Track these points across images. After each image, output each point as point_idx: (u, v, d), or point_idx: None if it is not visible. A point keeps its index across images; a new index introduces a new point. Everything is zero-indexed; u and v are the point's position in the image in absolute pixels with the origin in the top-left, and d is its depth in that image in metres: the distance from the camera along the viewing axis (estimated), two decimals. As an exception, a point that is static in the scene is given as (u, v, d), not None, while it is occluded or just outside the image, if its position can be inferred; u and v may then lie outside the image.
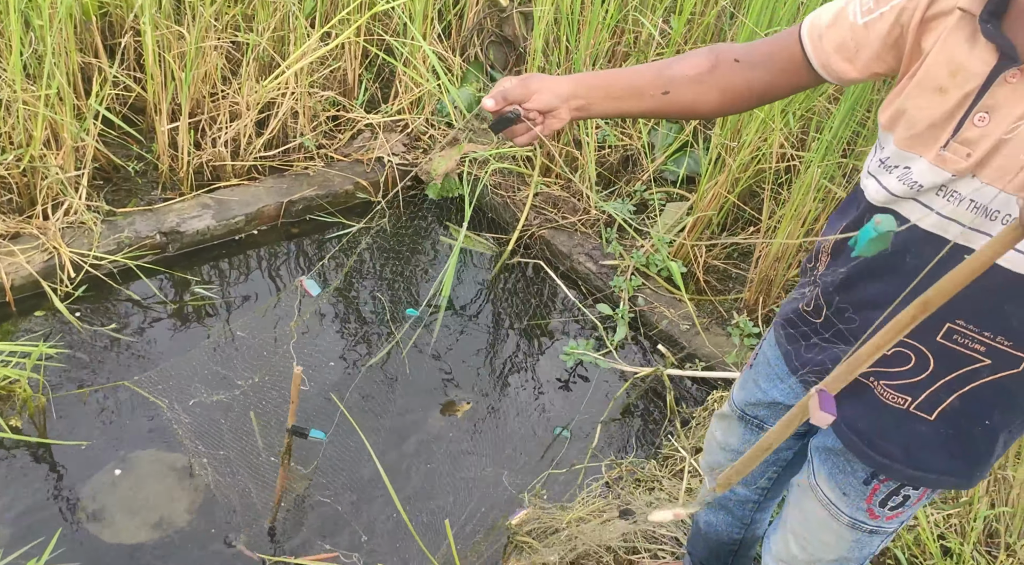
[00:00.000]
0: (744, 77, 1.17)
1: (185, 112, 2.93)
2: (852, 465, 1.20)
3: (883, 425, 1.11)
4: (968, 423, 1.08)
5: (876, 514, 1.22)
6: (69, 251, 2.59)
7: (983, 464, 1.13)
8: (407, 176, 3.30)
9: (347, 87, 3.46)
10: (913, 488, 1.18)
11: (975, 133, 0.97)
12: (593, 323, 2.82)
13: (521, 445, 2.37)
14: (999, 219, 0.97)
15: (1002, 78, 0.95)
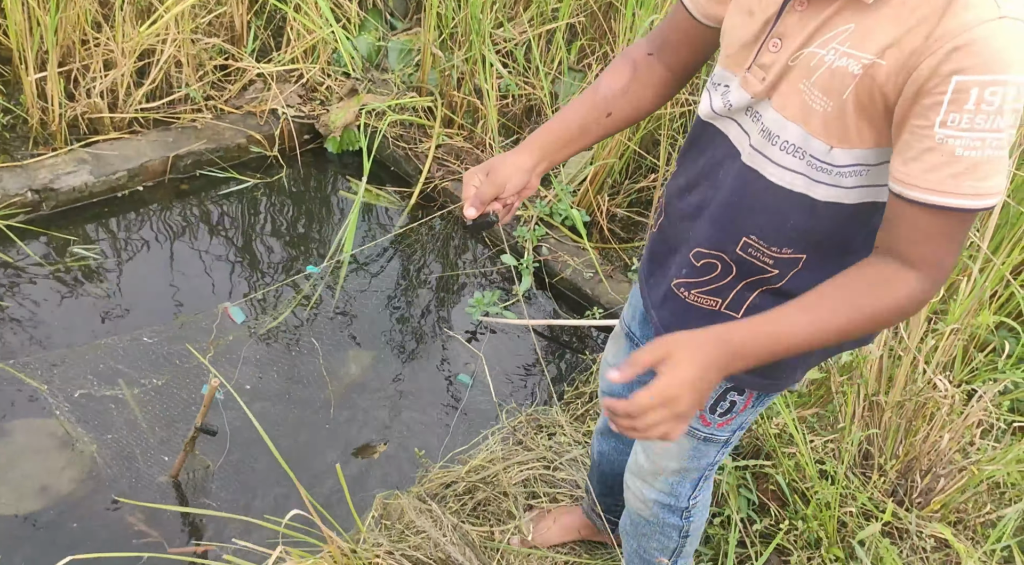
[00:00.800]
0: (663, 64, 1.23)
1: (53, 60, 2.72)
2: None
3: (697, 326, 1.13)
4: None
5: (708, 420, 1.28)
6: (-73, 211, 2.38)
7: (790, 363, 1.17)
8: (303, 129, 3.17)
9: (235, 34, 3.28)
10: (737, 392, 1.24)
11: (769, 58, 1.02)
12: (498, 274, 2.79)
13: (425, 397, 2.34)
14: (777, 144, 1.03)
15: (791, 6, 0.99)
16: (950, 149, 0.89)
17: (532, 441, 2.02)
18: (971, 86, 0.87)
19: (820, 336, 0.98)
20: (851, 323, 0.97)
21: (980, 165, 0.90)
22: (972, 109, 0.87)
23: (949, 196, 0.91)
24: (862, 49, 0.93)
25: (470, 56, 3.09)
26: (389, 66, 3.43)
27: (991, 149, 0.89)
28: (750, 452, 1.87)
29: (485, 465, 1.89)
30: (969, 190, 0.91)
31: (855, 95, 0.94)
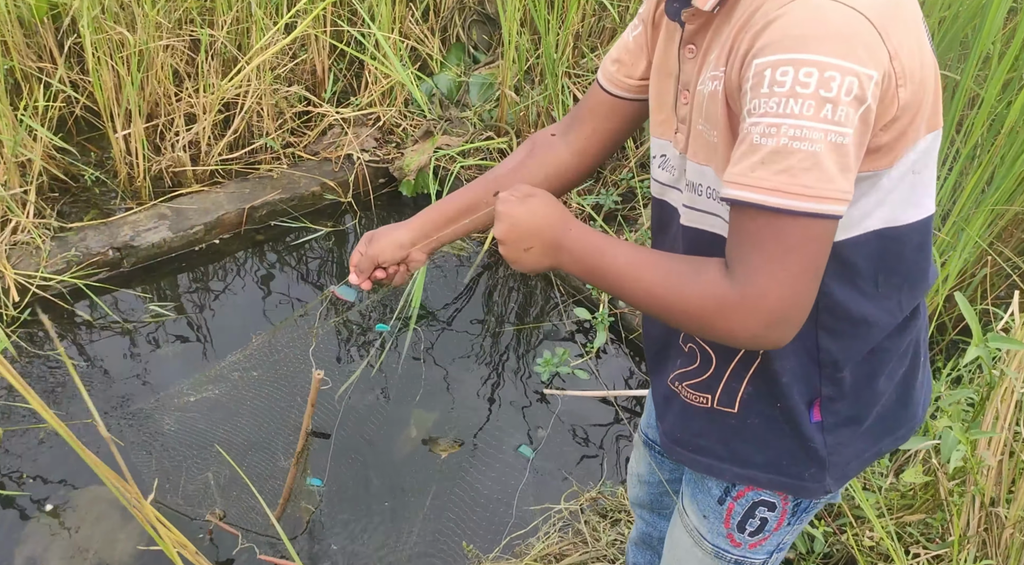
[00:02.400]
0: (567, 146, 1.18)
1: (136, 117, 2.78)
2: (707, 482, 1.15)
3: (700, 426, 1.10)
4: (767, 407, 1.03)
5: (737, 541, 1.15)
6: (14, 273, 2.46)
7: (808, 458, 1.04)
8: (378, 173, 3.13)
9: (316, 80, 3.28)
10: (768, 509, 1.10)
11: (684, 111, 0.98)
12: (571, 328, 2.63)
13: (485, 465, 2.21)
14: (702, 193, 0.97)
15: (683, 54, 0.97)
16: (751, 138, 0.81)
17: (593, 533, 1.85)
18: (765, 68, 0.79)
19: (630, 281, 0.92)
20: (658, 287, 0.90)
21: (779, 156, 0.79)
22: (767, 92, 0.79)
23: (742, 189, 0.82)
24: (719, 66, 0.89)
25: (545, 95, 2.95)
26: (470, 101, 3.34)
27: (789, 138, 0.78)
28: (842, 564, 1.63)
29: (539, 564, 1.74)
30: (764, 182, 0.80)
31: (724, 113, 0.89)
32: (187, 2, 3.01)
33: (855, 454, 1.06)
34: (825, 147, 0.78)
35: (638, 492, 1.45)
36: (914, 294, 1.00)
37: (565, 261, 0.96)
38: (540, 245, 0.96)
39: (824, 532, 1.60)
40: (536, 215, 0.96)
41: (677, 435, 1.12)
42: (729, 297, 0.84)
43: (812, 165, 0.78)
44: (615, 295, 0.95)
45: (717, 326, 0.85)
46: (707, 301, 0.85)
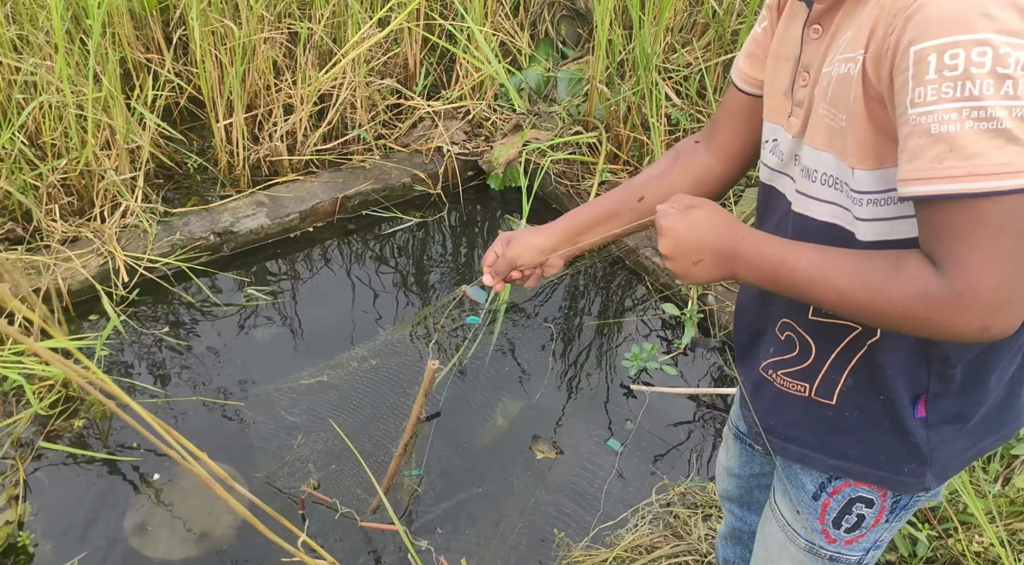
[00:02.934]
0: (710, 152, 1.18)
1: (238, 108, 2.88)
2: (801, 478, 1.13)
3: (793, 416, 1.08)
4: (868, 400, 1.01)
5: (832, 537, 1.13)
6: (124, 255, 2.58)
7: (908, 453, 1.01)
8: (467, 166, 3.16)
9: (408, 73, 3.34)
10: (866, 505, 1.08)
11: (802, 94, 0.97)
12: (659, 324, 2.62)
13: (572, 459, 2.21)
14: (817, 179, 0.95)
15: (807, 35, 0.95)
16: (925, 128, 0.77)
17: (684, 526, 1.83)
18: (928, 53, 0.76)
19: (820, 285, 0.87)
20: (854, 289, 0.85)
21: (964, 140, 0.75)
22: (935, 78, 0.76)
23: (934, 183, 0.77)
24: (854, 49, 0.86)
25: (638, 90, 2.94)
26: (558, 96, 3.35)
27: (974, 121, 0.75)
28: (944, 568, 1.58)
29: (631, 556, 1.74)
30: (957, 170, 0.76)
31: (860, 98, 0.85)
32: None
33: (958, 452, 1.03)
34: (1013, 123, 0.74)
35: (728, 486, 1.44)
36: None
37: (740, 271, 0.93)
38: (711, 257, 0.94)
39: (928, 535, 1.56)
40: (701, 226, 0.95)
41: (770, 423, 1.11)
42: (941, 295, 0.79)
43: (1005, 142, 0.75)
44: (802, 300, 0.91)
45: (936, 324, 0.80)
46: (917, 302, 0.81)
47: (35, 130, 2.69)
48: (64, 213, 2.68)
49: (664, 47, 3.15)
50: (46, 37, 2.68)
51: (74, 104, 2.56)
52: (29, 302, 2.31)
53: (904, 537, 1.57)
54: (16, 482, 2.08)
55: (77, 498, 2.07)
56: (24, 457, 2.14)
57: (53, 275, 2.48)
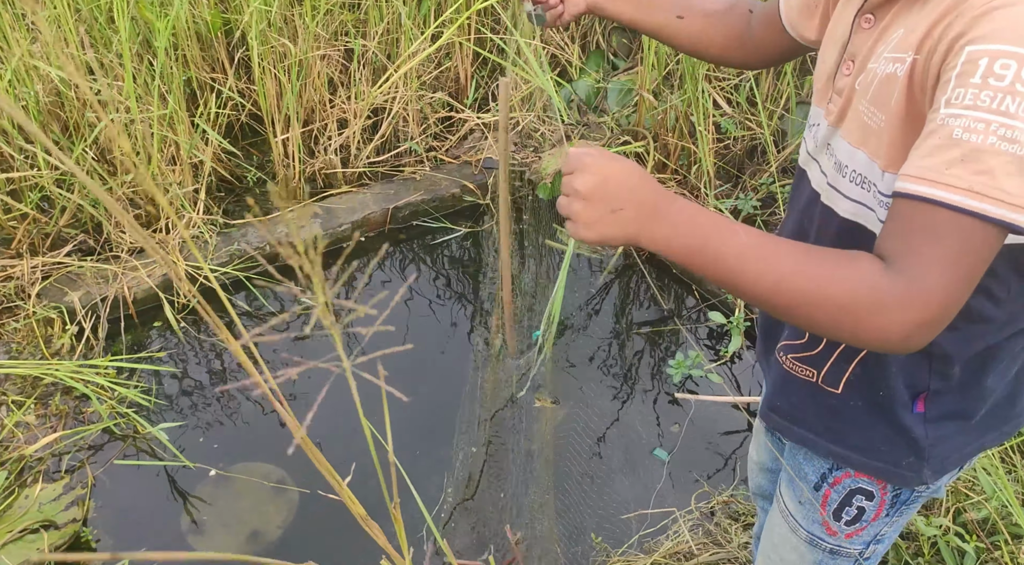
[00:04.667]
0: (748, 27, 1.19)
1: (294, 123, 2.98)
2: (805, 467, 1.14)
3: (799, 399, 1.09)
4: (871, 392, 1.01)
5: (833, 529, 1.13)
6: (185, 265, 2.70)
7: (907, 447, 1.01)
8: (516, 177, 3.20)
9: (459, 86, 3.41)
10: (866, 497, 1.08)
11: (844, 82, 0.95)
12: (705, 331, 2.60)
13: (615, 466, 2.22)
14: (847, 175, 0.94)
15: (858, 24, 0.93)
16: (948, 131, 0.74)
17: (724, 534, 1.82)
18: (981, 56, 0.72)
19: (755, 265, 0.79)
20: (796, 275, 0.78)
21: (982, 154, 0.72)
22: (979, 83, 0.72)
23: (933, 186, 0.74)
24: (904, 50, 0.83)
25: (685, 98, 2.94)
26: (608, 107, 3.37)
27: (998, 138, 0.71)
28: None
29: (668, 562, 1.73)
30: (959, 181, 0.73)
31: (902, 100, 0.83)
32: (343, 15, 3.21)
33: (956, 448, 1.03)
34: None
35: (760, 481, 1.44)
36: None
37: (662, 234, 0.81)
38: (635, 208, 0.81)
39: (976, 548, 1.52)
40: (633, 175, 0.83)
41: (776, 403, 1.12)
42: (891, 289, 0.75)
43: (1017, 171, 0.72)
44: (724, 283, 0.81)
45: (867, 322, 0.76)
46: (861, 292, 0.75)
47: (105, 147, 2.84)
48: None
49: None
50: (118, 58, 2.83)
51: (141, 121, 2.69)
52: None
53: (952, 549, 1.53)
54: (85, 483, 2.19)
55: (137, 496, 2.17)
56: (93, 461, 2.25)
57: (120, 284, 2.61)
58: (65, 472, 2.21)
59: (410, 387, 2.40)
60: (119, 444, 2.30)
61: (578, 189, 0.82)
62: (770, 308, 0.81)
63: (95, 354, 2.52)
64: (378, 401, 0.88)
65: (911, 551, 1.57)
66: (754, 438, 1.43)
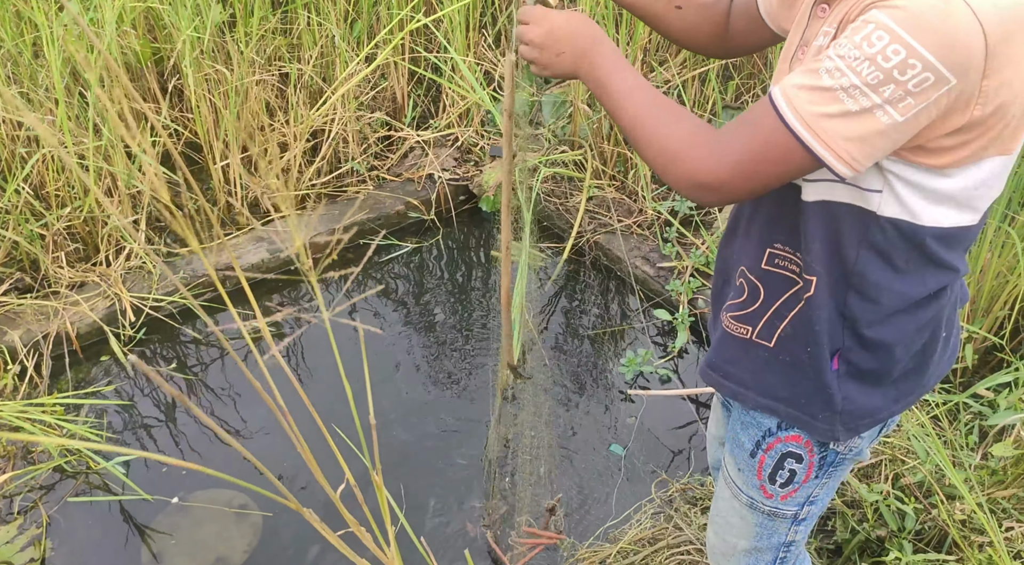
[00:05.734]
0: (728, 19, 1.27)
1: (234, 149, 2.98)
2: (741, 435, 1.22)
3: (734, 354, 1.18)
4: (799, 349, 1.10)
5: (769, 493, 1.23)
6: (129, 296, 2.67)
7: (823, 401, 1.11)
8: (459, 191, 3.26)
9: (397, 106, 3.45)
10: (796, 460, 1.17)
11: (798, 66, 1.01)
12: (652, 329, 2.68)
13: (576, 463, 2.27)
14: None
15: (815, 11, 1.01)
16: (818, 65, 0.88)
17: (684, 518, 1.89)
18: (871, 21, 0.84)
19: (628, 104, 1.02)
20: (648, 117, 1.00)
21: (824, 95, 0.87)
22: (856, 42, 0.84)
23: (782, 97, 0.90)
24: (832, 24, 0.95)
25: (617, 106, 3.03)
26: (543, 120, 3.46)
27: (842, 89, 0.85)
28: (934, 541, 1.63)
29: (634, 548, 1.79)
30: (798, 103, 0.89)
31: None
32: (276, 39, 3.23)
33: (868, 411, 1.12)
34: (863, 115, 0.85)
35: (717, 455, 1.51)
36: (939, 278, 1.04)
37: (585, 71, 1.06)
38: (572, 52, 1.06)
39: (915, 508, 1.61)
40: (573, 24, 1.06)
41: (713, 360, 1.21)
42: (701, 147, 0.95)
43: (843, 116, 0.86)
44: (613, 118, 1.03)
45: (674, 165, 0.96)
46: (684, 139, 0.96)
47: (39, 182, 2.80)
48: (70, 259, 2.77)
49: (642, 66, 3.26)
50: (46, 93, 2.79)
51: (75, 154, 2.66)
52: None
53: (893, 512, 1.63)
54: (39, 523, 2.14)
55: (95, 532, 2.14)
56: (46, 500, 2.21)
57: (62, 319, 2.56)
58: (18, 513, 2.16)
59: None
60: (72, 482, 2.26)
61: (530, 39, 1.09)
62: (631, 139, 1.03)
63: (40, 393, 2.47)
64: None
65: (856, 517, 1.66)
66: (712, 413, 1.50)
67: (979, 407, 1.78)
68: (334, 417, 2.03)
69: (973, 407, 1.81)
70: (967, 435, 1.75)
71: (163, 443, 2.37)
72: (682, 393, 2.42)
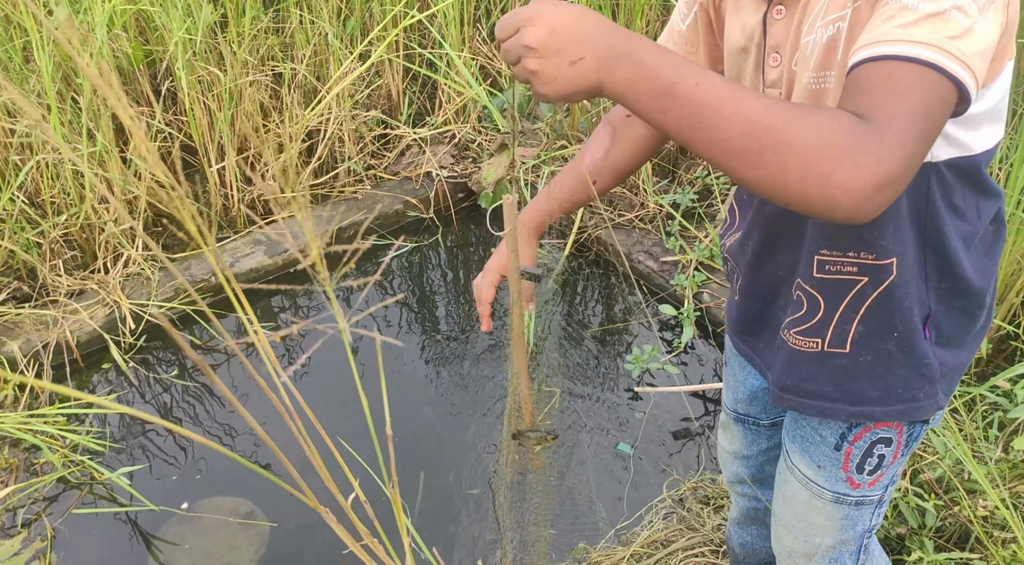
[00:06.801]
0: (641, 123, 1.20)
1: (229, 151, 2.95)
2: (819, 433, 1.16)
3: (808, 372, 1.11)
4: (881, 342, 1.05)
5: (856, 482, 1.17)
6: (128, 303, 2.64)
7: (921, 377, 1.06)
8: (457, 188, 3.22)
9: (392, 103, 3.41)
10: (885, 444, 1.12)
11: (776, 74, 0.98)
12: (658, 326, 2.66)
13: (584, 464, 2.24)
14: None
15: (771, 17, 0.96)
16: (902, 4, 0.76)
17: (697, 519, 1.86)
18: None
19: (729, 105, 0.72)
20: (767, 116, 0.72)
21: (938, 19, 0.74)
22: None
23: (894, 44, 0.75)
24: (840, 8, 0.88)
25: (617, 99, 3.00)
26: (540, 114, 3.42)
27: (950, 5, 0.75)
28: (955, 537, 1.61)
29: (648, 551, 1.77)
30: (921, 37, 0.74)
31: (850, 46, 0.86)
32: (269, 39, 3.18)
33: (959, 366, 1.09)
34: (977, 25, 0.75)
35: (737, 469, 1.47)
36: (989, 205, 1.02)
37: (624, 77, 0.74)
38: (594, 55, 0.74)
39: (935, 505, 1.59)
40: (585, 18, 0.75)
41: (786, 383, 1.13)
42: (866, 134, 0.71)
43: (965, 33, 0.75)
44: (689, 127, 0.74)
45: (843, 164, 0.70)
46: (838, 134, 0.70)
47: (34, 189, 2.76)
48: (68, 267, 2.74)
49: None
50: (38, 98, 2.75)
51: (70, 161, 2.62)
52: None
53: (913, 509, 1.60)
54: (44, 536, 2.11)
55: (101, 544, 2.11)
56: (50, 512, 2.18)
57: (61, 328, 2.53)
58: (22, 526, 2.13)
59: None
60: (76, 493, 2.23)
61: (529, 45, 0.74)
62: (734, 155, 0.73)
63: (41, 403, 2.44)
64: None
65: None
66: (723, 430, 1.46)
67: (995, 397, 1.76)
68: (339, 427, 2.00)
69: (989, 398, 1.78)
70: (986, 428, 1.73)
71: (168, 451, 2.34)
72: (690, 389, 2.40)
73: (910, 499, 1.59)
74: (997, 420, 1.74)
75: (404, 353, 2.65)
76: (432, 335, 2.72)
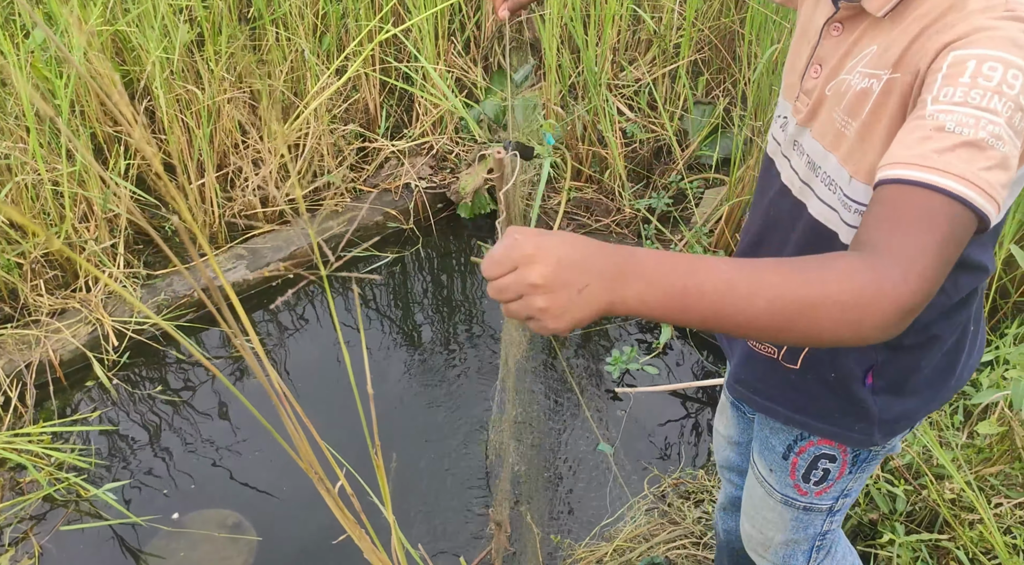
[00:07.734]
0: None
1: (209, 168, 2.97)
2: (772, 439, 1.23)
3: (762, 373, 1.17)
4: (824, 369, 1.10)
5: (803, 490, 1.24)
6: (111, 321, 2.65)
7: (857, 415, 1.11)
8: (436, 199, 3.26)
9: (370, 117, 3.45)
10: (829, 460, 1.18)
11: (811, 84, 1.00)
12: (637, 327, 2.70)
13: (567, 464, 2.28)
14: (819, 176, 1.00)
15: (827, 31, 0.98)
16: (939, 124, 0.76)
17: (678, 513, 1.90)
18: (968, 59, 0.77)
19: (744, 289, 0.70)
20: (785, 287, 0.70)
21: (975, 149, 0.74)
22: (967, 82, 0.76)
23: (927, 171, 0.74)
24: (880, 66, 0.89)
25: (590, 108, 3.06)
26: (517, 124, 3.47)
27: (988, 134, 0.74)
28: (925, 521, 1.66)
29: (630, 545, 1.80)
30: (954, 168, 0.74)
31: (875, 114, 0.89)
32: (246, 56, 3.22)
33: (904, 414, 1.13)
34: (1008, 153, 0.76)
35: (728, 454, 1.51)
36: (971, 280, 1.02)
37: (635, 293, 0.71)
38: (599, 279, 0.70)
39: (905, 490, 1.64)
40: (581, 246, 0.71)
41: (741, 376, 1.21)
42: (888, 274, 0.71)
43: (997, 166, 0.75)
44: (712, 319, 0.72)
45: (872, 310, 0.70)
46: (856, 280, 0.70)
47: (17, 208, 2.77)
48: (50, 287, 2.75)
49: (612, 66, 3.28)
50: (16, 121, 2.77)
51: (49, 180, 2.64)
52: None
53: (884, 495, 1.65)
54: (31, 554, 2.12)
55: (89, 560, 2.12)
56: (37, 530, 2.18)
57: (44, 347, 2.54)
58: (9, 545, 2.14)
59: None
60: (63, 510, 2.24)
61: (535, 283, 0.69)
62: (767, 329, 0.72)
63: (25, 422, 2.45)
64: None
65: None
66: (720, 413, 1.51)
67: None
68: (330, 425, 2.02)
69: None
70: (952, 415, 1.78)
71: (154, 466, 2.35)
72: (668, 389, 2.44)
73: (881, 486, 1.65)
74: (962, 407, 1.80)
75: (385, 363, 2.67)
76: (417, 344, 2.75)
